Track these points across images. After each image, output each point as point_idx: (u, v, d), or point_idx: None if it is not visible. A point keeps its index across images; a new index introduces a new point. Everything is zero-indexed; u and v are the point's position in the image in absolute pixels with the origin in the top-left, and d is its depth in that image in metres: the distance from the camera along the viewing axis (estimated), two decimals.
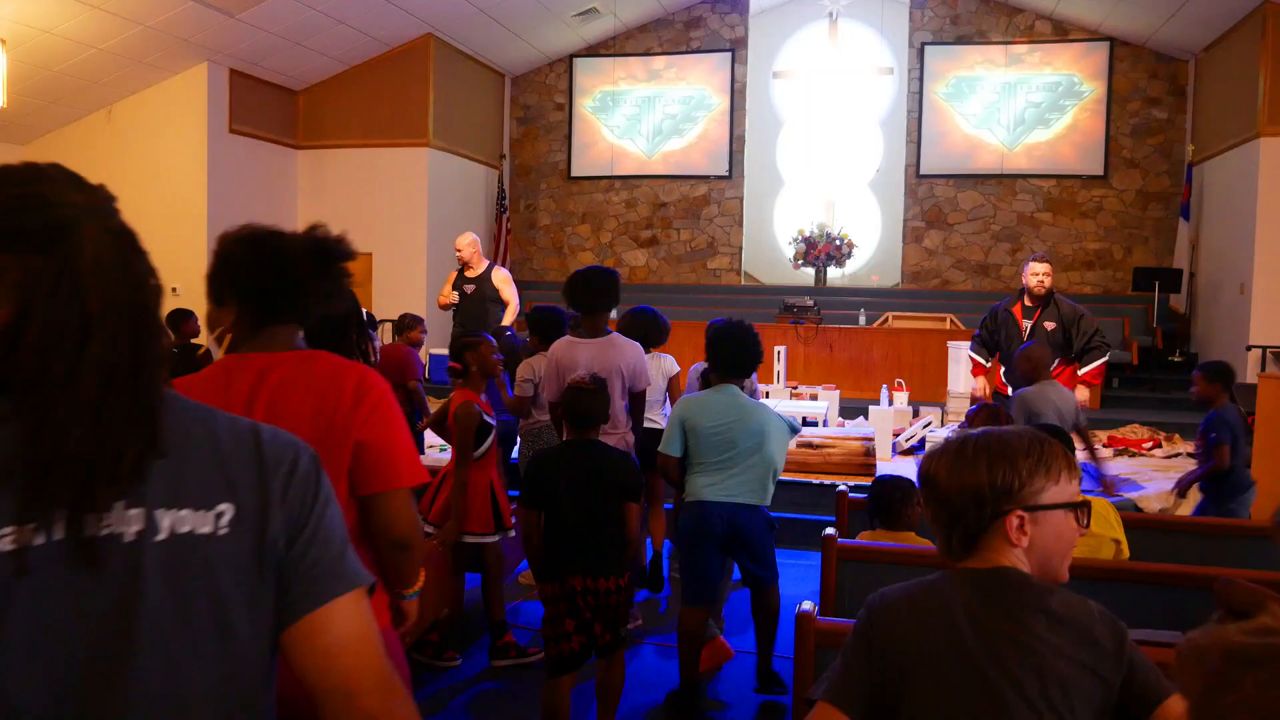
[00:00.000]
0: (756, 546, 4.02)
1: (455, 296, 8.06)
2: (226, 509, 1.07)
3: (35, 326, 1.00)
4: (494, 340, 4.48)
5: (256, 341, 1.97)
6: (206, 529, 1.06)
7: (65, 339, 1.01)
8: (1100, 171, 12.67)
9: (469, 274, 8.08)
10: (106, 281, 1.04)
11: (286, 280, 1.95)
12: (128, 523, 1.02)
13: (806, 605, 2.64)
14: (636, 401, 4.66)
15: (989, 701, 1.47)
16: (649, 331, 5.38)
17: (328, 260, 1.99)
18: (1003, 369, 6.52)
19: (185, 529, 1.05)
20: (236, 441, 1.12)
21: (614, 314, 5.31)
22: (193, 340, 7.74)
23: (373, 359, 2.45)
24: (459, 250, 8.06)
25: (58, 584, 0.98)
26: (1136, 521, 4.27)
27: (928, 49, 13.18)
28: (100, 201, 1.09)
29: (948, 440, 1.65)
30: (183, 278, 11.11)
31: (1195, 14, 10.79)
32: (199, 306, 8.66)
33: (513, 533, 4.38)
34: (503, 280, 8.15)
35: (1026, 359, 5.56)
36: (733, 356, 4.04)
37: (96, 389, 1.01)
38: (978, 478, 1.56)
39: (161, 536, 1.03)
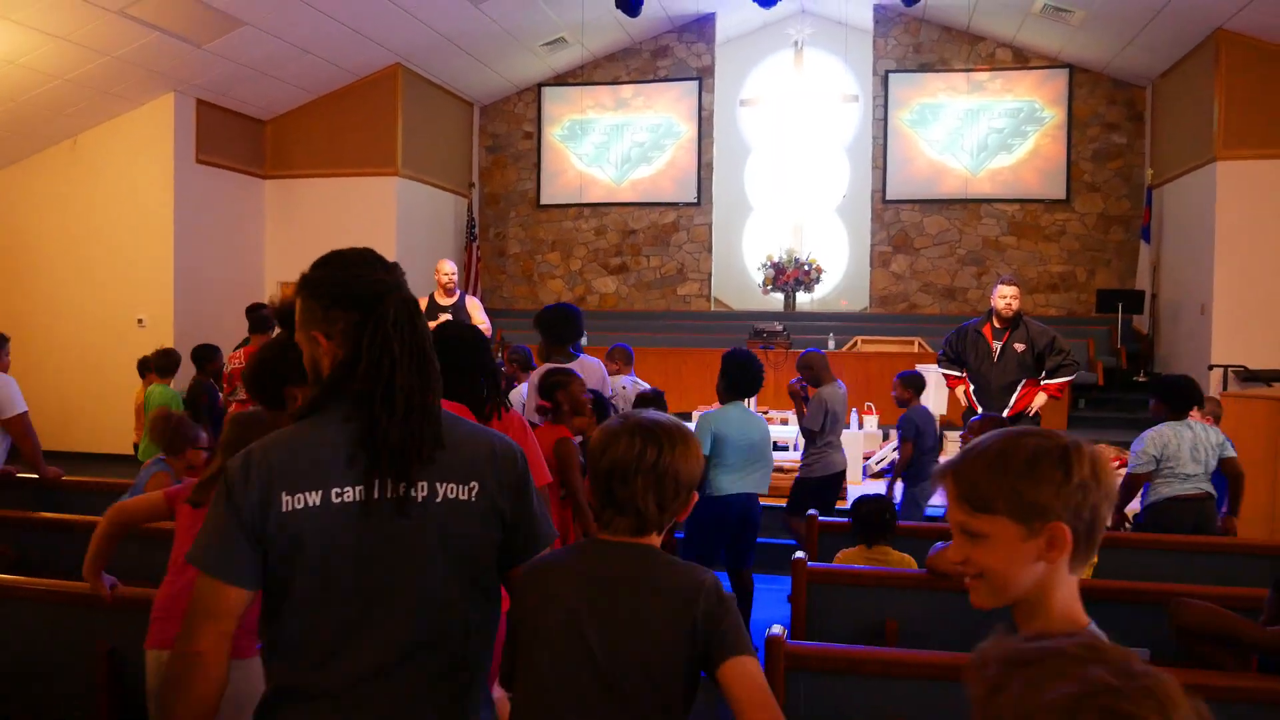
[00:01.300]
0: (756, 527, 5.06)
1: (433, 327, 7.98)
2: (475, 485, 1.70)
3: (364, 361, 1.64)
4: (581, 377, 4.53)
5: None
6: (464, 497, 1.69)
7: (382, 370, 1.64)
8: (1062, 195, 12.87)
9: (442, 302, 8.05)
10: (402, 334, 1.66)
11: None
12: (420, 489, 1.65)
13: (776, 629, 2.64)
14: (603, 409, 5.06)
15: (592, 671, 1.66)
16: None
17: None
18: (973, 388, 6.58)
19: (453, 496, 1.68)
20: (476, 443, 1.74)
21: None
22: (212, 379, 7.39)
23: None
24: (449, 274, 7.98)
25: (383, 523, 1.63)
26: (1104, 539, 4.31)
27: (891, 76, 13.36)
28: (398, 278, 1.74)
29: (631, 430, 1.77)
30: (149, 309, 11.04)
31: (1151, 42, 11.02)
32: (165, 338, 8.53)
33: None
34: (475, 307, 8.14)
35: (808, 365, 6.14)
36: (745, 378, 5.10)
37: (404, 405, 1.63)
38: (689, 473, 1.77)
39: (439, 500, 1.67)
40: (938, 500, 7.24)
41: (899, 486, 6.27)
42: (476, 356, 2.91)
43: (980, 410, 6.37)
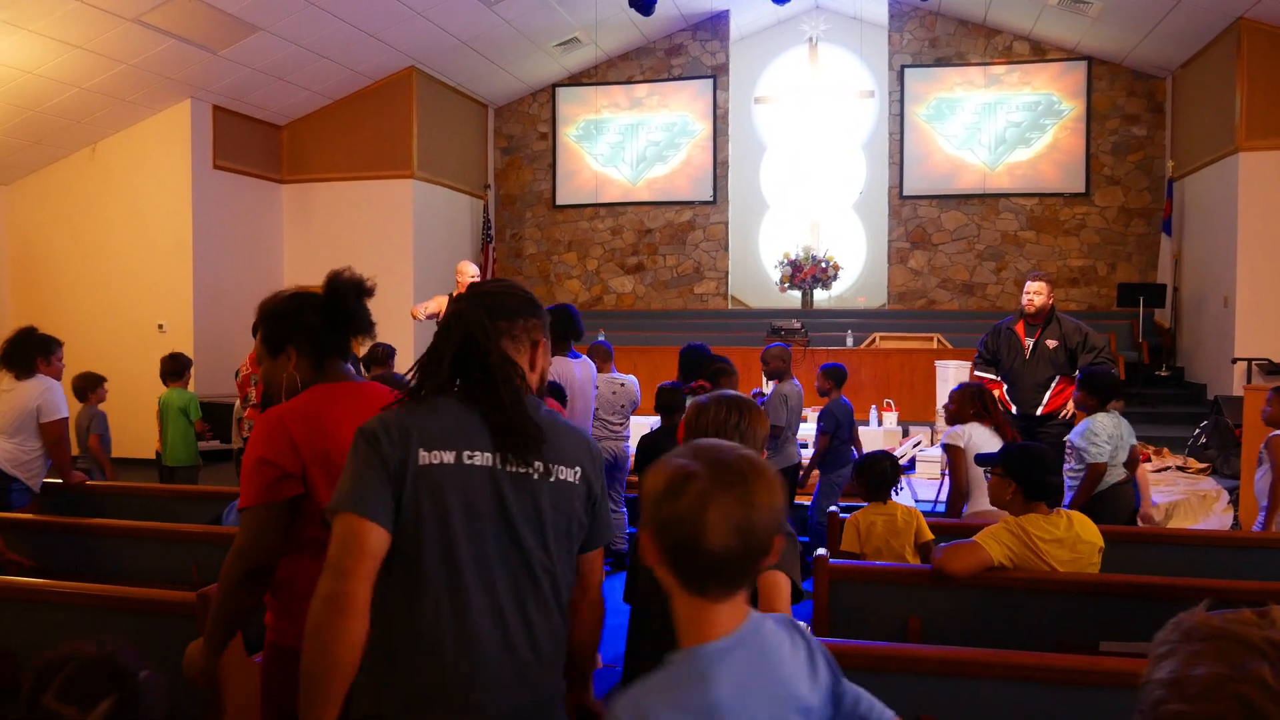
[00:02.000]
0: None
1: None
2: (578, 469, 1.91)
3: (463, 365, 1.86)
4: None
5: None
6: (571, 479, 1.89)
7: (474, 368, 1.85)
8: (1082, 189, 12.77)
9: None
10: (480, 334, 1.85)
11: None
12: (536, 467, 1.85)
13: (800, 625, 2.62)
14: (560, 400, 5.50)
15: None
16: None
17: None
18: (1005, 386, 6.50)
19: (562, 476, 1.88)
20: (575, 435, 1.96)
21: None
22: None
23: None
24: (473, 276, 7.99)
25: (508, 488, 1.82)
26: (1122, 534, 4.28)
27: (907, 71, 13.30)
28: (474, 299, 1.92)
29: (718, 400, 2.37)
30: (169, 315, 11.11)
31: (1171, 32, 10.92)
32: (186, 344, 8.60)
33: None
34: None
35: (779, 358, 6.42)
36: (696, 371, 5.40)
37: (507, 393, 1.83)
38: (762, 429, 2.38)
39: (552, 479, 1.87)
40: (929, 495, 7.22)
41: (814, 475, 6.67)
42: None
43: (1014, 411, 6.31)
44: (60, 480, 5.38)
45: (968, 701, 2.54)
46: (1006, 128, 12.99)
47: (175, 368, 7.24)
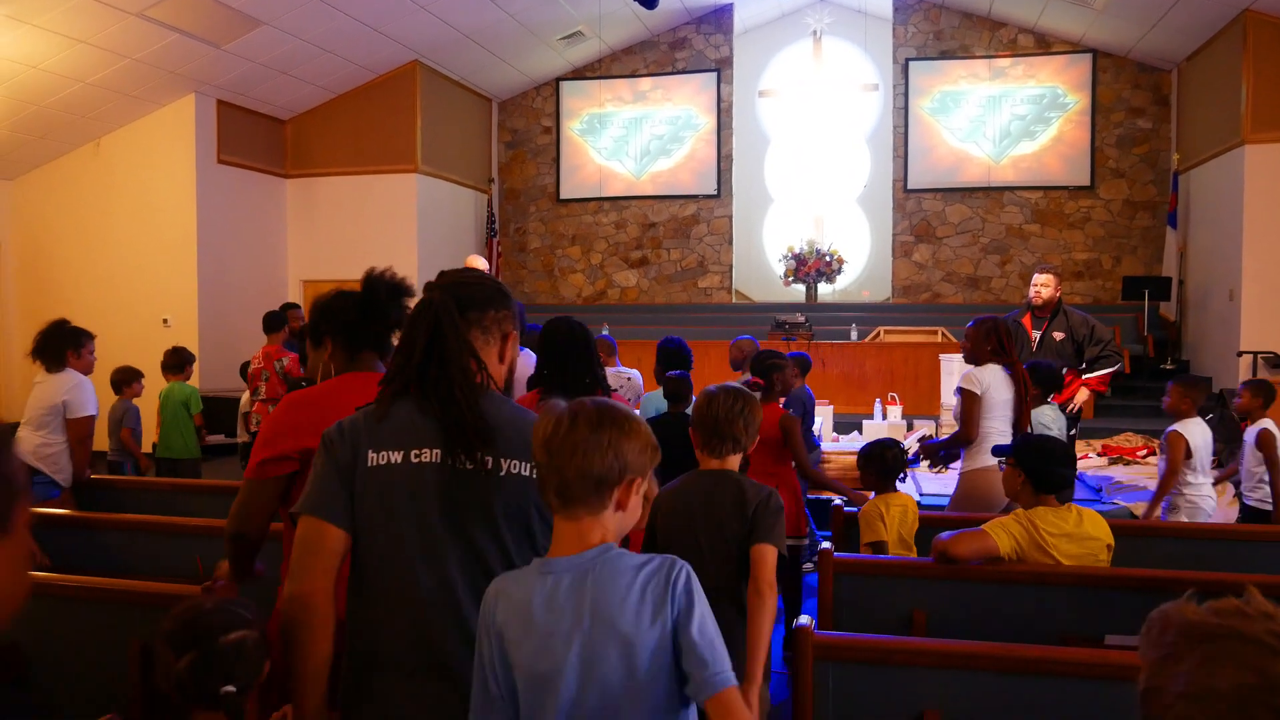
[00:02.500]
0: None
1: None
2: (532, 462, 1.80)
3: (430, 357, 1.89)
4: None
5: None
6: (525, 472, 1.88)
7: (432, 363, 1.88)
8: (1087, 182, 12.73)
9: None
10: (446, 327, 1.89)
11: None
12: (485, 463, 1.86)
13: (804, 619, 2.62)
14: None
15: (693, 542, 2.74)
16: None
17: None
18: None
19: (515, 470, 1.89)
20: (529, 425, 1.85)
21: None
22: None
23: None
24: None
25: (456, 480, 1.87)
26: (1131, 528, 4.27)
27: (912, 64, 13.26)
28: (445, 289, 1.94)
29: (725, 390, 2.85)
30: (174, 309, 11.13)
31: (1176, 24, 10.88)
32: (191, 338, 8.61)
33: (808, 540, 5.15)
34: None
35: (739, 349, 6.50)
36: (673, 363, 5.61)
37: (461, 390, 1.86)
38: (759, 415, 2.89)
39: (504, 472, 1.88)
40: (935, 489, 7.20)
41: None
42: (575, 349, 3.32)
43: None
44: (89, 475, 5.40)
45: (972, 695, 2.53)
46: (1011, 121, 12.95)
47: (176, 361, 7.26)
